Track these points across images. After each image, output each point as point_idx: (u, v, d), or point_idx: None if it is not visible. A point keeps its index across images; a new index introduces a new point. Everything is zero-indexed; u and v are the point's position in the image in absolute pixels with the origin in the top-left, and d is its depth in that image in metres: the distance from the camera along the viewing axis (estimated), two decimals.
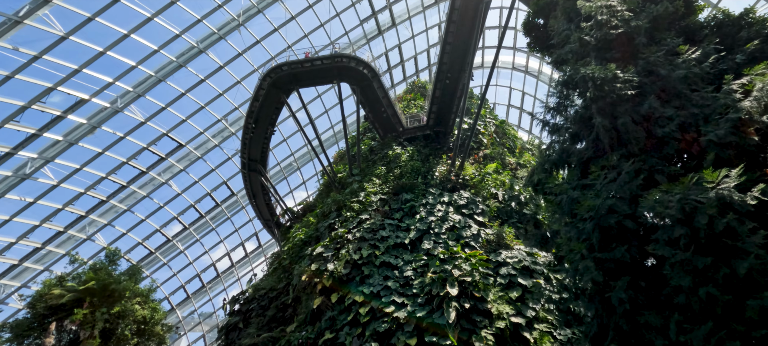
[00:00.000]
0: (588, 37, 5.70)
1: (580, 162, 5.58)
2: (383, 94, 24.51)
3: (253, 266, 46.25)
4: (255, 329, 21.77)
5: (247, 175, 31.60)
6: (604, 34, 5.55)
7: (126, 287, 19.78)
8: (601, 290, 4.72)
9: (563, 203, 5.38)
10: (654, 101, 4.80)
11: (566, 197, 5.32)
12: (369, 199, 21.76)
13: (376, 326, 15.09)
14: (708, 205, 3.88)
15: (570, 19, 6.61)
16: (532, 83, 43.33)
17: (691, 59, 5.01)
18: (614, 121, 5.02)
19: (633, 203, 4.57)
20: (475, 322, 14.33)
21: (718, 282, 3.82)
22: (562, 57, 6.27)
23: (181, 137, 31.84)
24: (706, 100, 4.67)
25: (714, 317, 3.89)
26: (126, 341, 19.73)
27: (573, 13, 6.54)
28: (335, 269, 17.66)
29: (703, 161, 4.25)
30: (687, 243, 4.04)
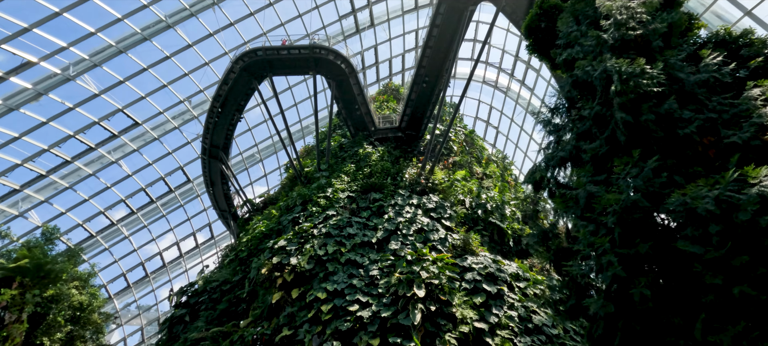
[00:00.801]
0: (606, 36, 5.73)
1: (594, 159, 5.56)
2: (359, 91, 24.18)
3: (203, 258, 44.16)
4: (204, 323, 20.65)
5: (207, 162, 30.13)
6: (623, 35, 5.61)
7: (63, 269, 18.00)
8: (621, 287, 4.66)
9: (580, 197, 5.31)
10: (673, 103, 4.87)
11: (583, 192, 5.25)
12: (337, 195, 21.31)
13: (338, 324, 14.65)
14: (749, 201, 3.91)
15: (578, 20, 6.67)
16: (501, 98, 44.65)
17: (712, 64, 5.14)
18: (637, 117, 5.04)
19: (655, 200, 4.57)
20: (440, 325, 14.25)
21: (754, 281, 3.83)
22: (572, 56, 6.28)
23: (138, 115, 29.87)
24: (724, 105, 4.80)
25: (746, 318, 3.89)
26: (58, 328, 17.97)
27: (582, 16, 6.60)
28: (298, 264, 17.04)
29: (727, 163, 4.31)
30: (721, 241, 4.05)
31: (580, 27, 6.58)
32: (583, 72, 5.86)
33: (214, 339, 18.94)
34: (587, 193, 5.25)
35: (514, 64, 40.45)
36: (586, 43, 6.10)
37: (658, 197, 4.64)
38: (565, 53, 6.44)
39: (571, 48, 6.44)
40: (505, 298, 15.97)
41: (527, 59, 38.82)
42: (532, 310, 16.38)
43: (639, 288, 4.39)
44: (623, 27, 5.73)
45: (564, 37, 6.80)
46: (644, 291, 4.36)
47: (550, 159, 6.45)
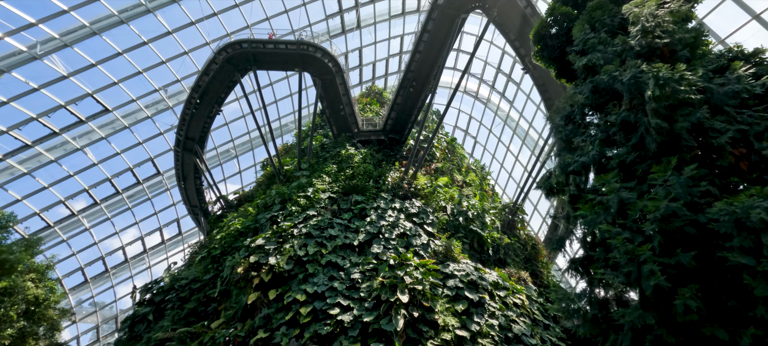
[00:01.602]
0: (633, 42, 5.72)
1: (621, 165, 5.49)
2: (344, 91, 23.85)
3: (168, 255, 42.39)
4: (170, 323, 19.68)
5: (180, 154, 28.96)
6: (649, 43, 5.61)
7: (19, 260, 16.64)
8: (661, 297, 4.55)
9: (611, 203, 5.21)
10: (705, 112, 4.86)
11: (615, 197, 5.15)
12: (318, 195, 20.83)
13: (317, 328, 14.20)
14: None
15: (594, 28, 6.67)
16: (480, 109, 45.29)
17: (745, 76, 5.18)
18: (671, 125, 5.01)
19: (693, 209, 4.52)
20: (422, 332, 14.04)
21: None
22: (593, 62, 6.25)
23: (108, 102, 28.39)
24: (755, 117, 4.84)
25: None
26: (9, 323, 16.62)
27: (599, 24, 6.61)
28: (277, 264, 16.47)
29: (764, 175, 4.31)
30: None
31: (598, 34, 6.57)
32: (609, 77, 5.81)
33: (182, 340, 18.06)
34: (619, 199, 5.17)
35: (495, 75, 41.11)
36: (611, 48, 6.07)
37: (695, 206, 4.59)
38: (585, 59, 6.41)
39: (590, 54, 6.41)
40: (486, 306, 15.96)
41: (508, 72, 39.52)
42: (512, 319, 16.44)
43: (683, 299, 4.30)
44: (650, 35, 5.75)
45: (580, 44, 6.78)
46: (689, 302, 4.27)
47: (567, 165, 6.36)
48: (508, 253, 22.63)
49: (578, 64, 6.59)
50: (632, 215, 5.01)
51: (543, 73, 20.70)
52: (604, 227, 5.38)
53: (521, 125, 42.03)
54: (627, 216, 5.12)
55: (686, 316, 4.36)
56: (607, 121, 5.96)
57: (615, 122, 5.72)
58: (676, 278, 4.59)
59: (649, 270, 4.61)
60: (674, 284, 4.52)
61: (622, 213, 5.18)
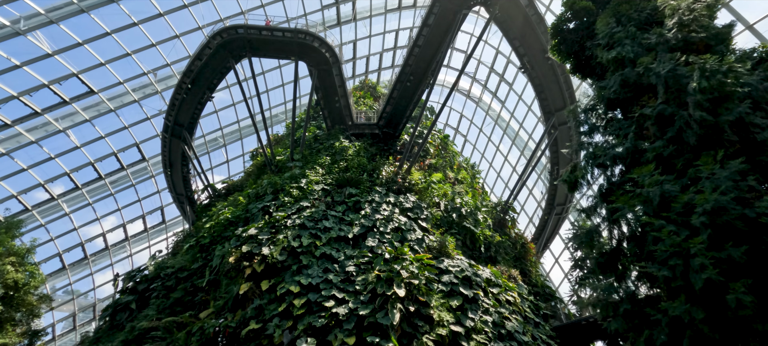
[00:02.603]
0: (669, 35, 5.69)
1: (657, 159, 5.45)
2: (340, 83, 23.57)
3: (151, 243, 41.46)
4: (155, 312, 19.23)
5: (168, 140, 28.24)
6: (685, 36, 5.59)
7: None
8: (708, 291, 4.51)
9: (652, 196, 5.16)
10: (746, 106, 4.86)
11: (657, 190, 5.10)
12: (311, 187, 20.56)
13: (311, 320, 14.00)
14: None
15: (619, 22, 6.66)
16: (471, 108, 45.49)
17: None
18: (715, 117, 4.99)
19: (740, 203, 4.50)
20: (417, 326, 13.99)
21: None
22: (623, 55, 6.21)
23: (94, 83, 27.47)
24: None
25: None
26: None
27: (625, 18, 6.59)
28: (270, 254, 16.19)
29: None
30: None
31: (625, 28, 6.55)
32: (644, 69, 5.78)
33: (168, 329, 17.64)
34: (662, 192, 5.13)
35: (488, 75, 41.28)
36: (645, 41, 6.04)
37: (742, 200, 4.58)
38: (614, 52, 6.38)
39: (618, 47, 6.37)
40: (480, 302, 16.00)
41: (501, 71, 39.74)
42: (505, 316, 16.54)
43: (736, 293, 4.28)
44: (686, 28, 5.73)
45: (606, 38, 6.75)
46: (743, 297, 4.25)
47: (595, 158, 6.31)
48: (499, 251, 22.78)
49: (606, 58, 6.56)
50: (675, 208, 4.99)
51: (541, 73, 20.85)
52: (646, 219, 5.34)
53: (512, 126, 42.38)
54: (669, 209, 5.11)
55: (739, 311, 4.35)
56: (642, 113, 5.94)
57: (650, 115, 5.70)
58: (726, 273, 4.57)
59: (699, 264, 4.59)
60: (725, 279, 4.50)
61: (664, 206, 5.16)
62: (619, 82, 6.21)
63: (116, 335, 19.41)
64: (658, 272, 5.11)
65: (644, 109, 5.86)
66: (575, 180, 7.05)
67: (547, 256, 39.40)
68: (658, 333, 5.00)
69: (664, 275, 5.04)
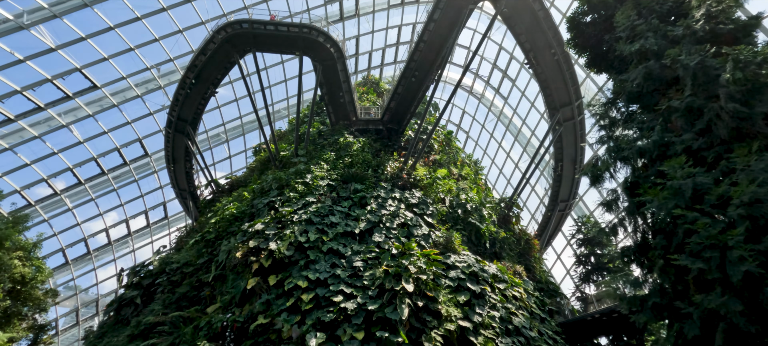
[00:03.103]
0: (697, 26, 5.67)
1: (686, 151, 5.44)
2: (345, 78, 23.51)
3: (153, 239, 41.49)
4: (161, 306, 19.24)
5: (171, 136, 28.18)
6: (713, 28, 5.58)
7: (6, 236, 15.87)
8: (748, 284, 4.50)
9: (684, 188, 5.13)
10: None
11: (690, 182, 5.08)
12: (316, 182, 20.56)
13: (320, 314, 14.02)
14: None
15: (641, 14, 6.62)
16: (474, 104, 45.42)
17: None
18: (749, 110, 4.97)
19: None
20: (425, 321, 14.01)
21: None
22: (647, 47, 6.18)
23: (97, 78, 27.37)
24: None
25: None
26: None
27: (647, 10, 6.56)
28: (278, 249, 16.20)
29: None
30: None
31: (648, 21, 6.51)
32: (672, 61, 5.74)
33: (175, 324, 17.67)
34: (695, 184, 5.11)
35: (491, 71, 41.19)
36: (670, 33, 6.01)
37: None
38: (637, 45, 6.35)
39: (642, 40, 6.34)
40: (488, 298, 16.04)
41: (504, 68, 39.62)
42: (512, 312, 16.58)
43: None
44: (714, 20, 5.71)
45: (627, 30, 6.71)
46: None
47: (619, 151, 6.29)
48: (504, 247, 22.81)
49: (629, 50, 6.53)
50: (709, 200, 4.98)
51: (546, 68, 20.80)
52: (679, 212, 5.32)
53: (514, 122, 42.34)
54: (702, 202, 5.09)
55: None
56: (669, 106, 5.91)
57: (679, 107, 5.67)
58: (764, 265, 4.56)
59: (737, 256, 4.58)
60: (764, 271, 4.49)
61: (697, 199, 5.15)
62: (643, 75, 6.17)
63: (122, 330, 19.45)
64: (692, 265, 5.08)
65: (672, 102, 5.82)
66: (598, 174, 7.03)
67: (548, 252, 39.49)
68: (690, 327, 4.98)
69: (699, 267, 5.01)
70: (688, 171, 5.27)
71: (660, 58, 6.18)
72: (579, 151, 26.07)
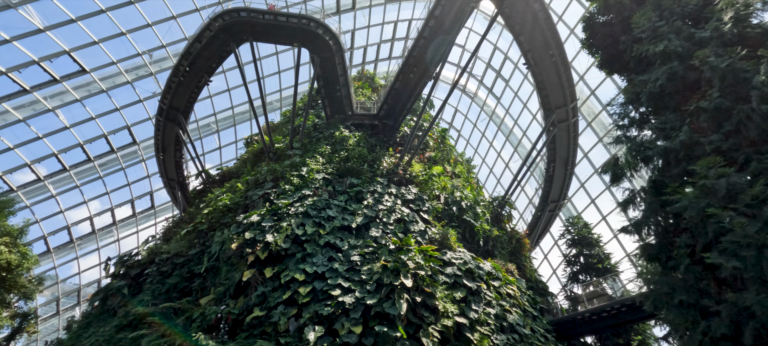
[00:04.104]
0: (726, 29, 5.76)
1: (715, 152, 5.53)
2: (342, 72, 23.35)
3: (139, 229, 40.75)
4: (150, 297, 18.91)
5: (161, 124, 27.61)
6: (741, 31, 5.68)
7: None
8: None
9: (718, 187, 5.22)
10: None
11: (724, 182, 5.17)
12: (312, 175, 20.41)
13: (318, 308, 13.94)
14: None
15: (662, 16, 6.71)
16: (467, 103, 45.67)
17: None
18: None
19: None
20: (423, 317, 14.06)
21: None
22: (671, 49, 6.27)
23: (86, 62, 26.63)
24: None
25: None
26: None
27: (667, 12, 6.65)
28: (274, 242, 16.04)
29: None
30: None
31: (669, 22, 6.60)
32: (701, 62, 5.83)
33: (166, 315, 17.38)
34: (728, 183, 5.21)
35: (484, 71, 41.44)
36: (698, 35, 6.11)
37: None
38: (662, 45, 6.43)
39: (664, 41, 6.42)
40: (483, 295, 16.18)
41: (498, 68, 39.89)
42: (506, 309, 16.76)
43: None
44: (742, 23, 5.82)
45: (647, 32, 6.79)
46: None
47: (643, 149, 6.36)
48: (496, 245, 23.02)
49: (652, 51, 6.60)
50: (743, 199, 5.09)
51: (544, 69, 21.00)
52: (713, 210, 5.42)
53: (506, 122, 42.70)
54: (736, 201, 5.20)
55: None
56: (698, 106, 6.00)
57: (707, 108, 5.78)
58: None
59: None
60: None
61: (731, 199, 5.25)
62: (666, 75, 6.27)
63: (108, 320, 19.05)
64: (727, 263, 5.19)
65: (701, 103, 5.93)
66: (619, 173, 7.12)
67: (535, 252, 40.07)
68: (718, 325, 5.10)
69: (733, 265, 5.13)
70: (722, 171, 5.38)
71: (684, 60, 6.30)
72: (572, 152, 26.44)
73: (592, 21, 8.47)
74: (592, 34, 8.43)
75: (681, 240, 5.92)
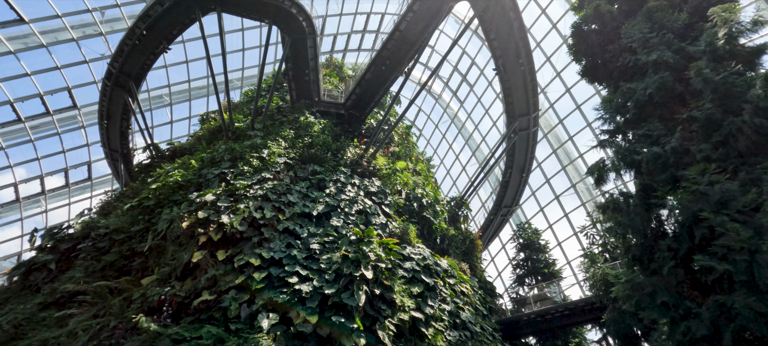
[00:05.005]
0: (719, 44, 6.02)
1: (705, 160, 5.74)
2: (313, 56, 22.67)
3: (71, 201, 37.56)
4: (82, 275, 17.44)
5: (109, 89, 25.49)
6: (732, 48, 5.96)
7: None
8: None
9: (711, 194, 5.41)
10: None
11: (718, 188, 5.37)
12: (273, 158, 19.67)
13: (272, 295, 13.41)
14: None
15: (653, 29, 6.96)
16: (430, 103, 46.22)
17: None
18: None
19: None
20: (380, 309, 13.94)
21: None
22: (663, 59, 6.49)
23: (25, 11, 24.02)
24: None
25: None
26: None
27: (657, 26, 6.90)
28: (230, 223, 15.25)
29: None
30: None
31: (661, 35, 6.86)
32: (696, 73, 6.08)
33: (99, 294, 16.12)
34: (723, 190, 5.43)
35: (451, 73, 42.08)
36: (692, 48, 6.37)
37: None
38: (655, 55, 6.66)
39: (656, 52, 6.66)
40: (439, 291, 16.34)
41: (464, 73, 40.67)
42: (460, 306, 17.04)
43: None
44: (734, 40, 6.13)
45: (638, 42, 7.03)
46: None
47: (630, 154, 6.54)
48: (451, 244, 23.42)
49: (645, 59, 6.87)
50: (735, 206, 5.35)
51: (512, 77, 21.58)
52: (707, 215, 5.67)
53: (467, 127, 43.66)
54: (728, 208, 5.46)
55: None
56: (690, 116, 6.28)
57: (699, 118, 6.05)
58: None
59: (765, 260, 4.98)
60: None
61: (723, 205, 5.51)
62: (657, 84, 6.55)
63: (30, 298, 17.34)
64: (719, 266, 5.47)
65: (693, 112, 6.23)
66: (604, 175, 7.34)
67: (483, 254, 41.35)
68: (698, 326, 5.37)
69: (725, 269, 5.41)
70: (717, 178, 5.69)
71: (674, 71, 6.63)
72: (528, 161, 27.44)
73: (582, 27, 8.72)
74: (580, 40, 8.69)
75: (664, 243, 6.22)
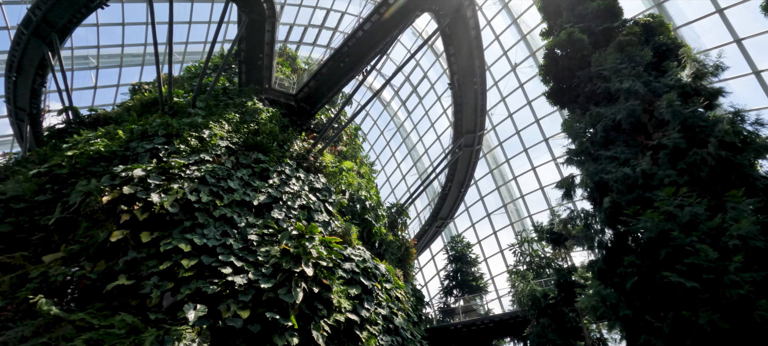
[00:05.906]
0: (686, 80, 6.54)
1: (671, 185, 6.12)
2: (269, 40, 21.68)
3: None
4: None
5: (25, 38, 22.49)
6: (697, 85, 6.50)
7: None
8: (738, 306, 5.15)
9: (681, 216, 5.74)
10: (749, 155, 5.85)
11: (688, 211, 5.71)
12: (214, 140, 18.43)
13: (201, 285, 12.43)
14: None
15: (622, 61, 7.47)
16: (378, 109, 46.46)
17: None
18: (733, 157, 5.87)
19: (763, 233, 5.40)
20: (316, 309, 13.51)
21: None
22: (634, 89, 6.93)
23: None
24: None
25: None
26: None
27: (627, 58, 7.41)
28: (160, 203, 13.95)
29: None
30: None
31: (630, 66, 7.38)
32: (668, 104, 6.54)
33: None
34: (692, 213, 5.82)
35: (402, 83, 42.66)
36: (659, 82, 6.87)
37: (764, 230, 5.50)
38: (627, 84, 7.13)
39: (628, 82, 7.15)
40: (376, 295, 16.22)
41: (415, 84, 41.44)
42: (394, 311, 17.05)
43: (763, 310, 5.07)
44: (699, 79, 6.72)
45: (610, 70, 7.50)
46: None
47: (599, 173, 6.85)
48: (388, 250, 23.50)
49: (617, 87, 7.35)
50: (702, 228, 5.79)
51: (465, 94, 22.30)
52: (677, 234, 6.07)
53: (412, 138, 44.43)
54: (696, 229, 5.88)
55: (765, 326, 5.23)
56: (660, 143, 6.76)
57: (667, 145, 6.53)
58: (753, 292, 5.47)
59: (730, 280, 5.40)
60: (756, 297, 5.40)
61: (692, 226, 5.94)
62: (627, 111, 7.04)
63: None
64: (687, 283, 5.87)
65: (662, 140, 6.75)
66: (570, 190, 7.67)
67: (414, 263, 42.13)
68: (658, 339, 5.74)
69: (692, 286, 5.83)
70: (688, 200, 6.20)
71: (643, 102, 7.21)
72: (468, 176, 28.48)
73: (553, 52, 9.17)
74: (551, 64, 9.14)
75: (628, 260, 6.65)
